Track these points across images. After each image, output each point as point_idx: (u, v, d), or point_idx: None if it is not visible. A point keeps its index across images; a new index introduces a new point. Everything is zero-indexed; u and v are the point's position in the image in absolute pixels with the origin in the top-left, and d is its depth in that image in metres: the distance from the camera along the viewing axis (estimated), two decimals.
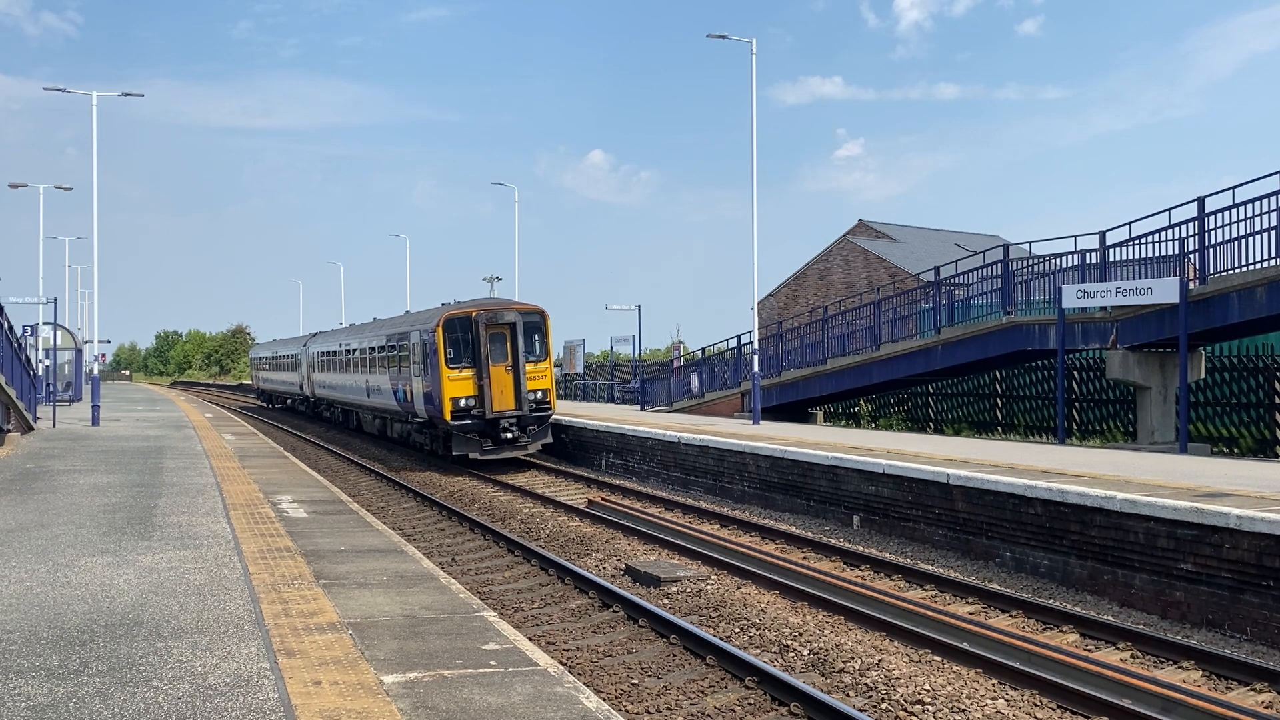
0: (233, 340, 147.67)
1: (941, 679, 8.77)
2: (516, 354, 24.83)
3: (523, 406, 24.77)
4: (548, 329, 26.05)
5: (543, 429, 25.58)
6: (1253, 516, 10.12)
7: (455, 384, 24.52)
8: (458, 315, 24.98)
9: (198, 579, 9.72)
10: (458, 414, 24.50)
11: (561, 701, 6.37)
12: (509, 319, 24.91)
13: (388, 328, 30.83)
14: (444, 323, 24.76)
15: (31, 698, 6.34)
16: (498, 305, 25.78)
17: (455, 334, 24.68)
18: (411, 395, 26.98)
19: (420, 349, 25.94)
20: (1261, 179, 18.12)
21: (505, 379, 24.79)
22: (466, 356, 24.63)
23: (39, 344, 40.06)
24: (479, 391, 24.55)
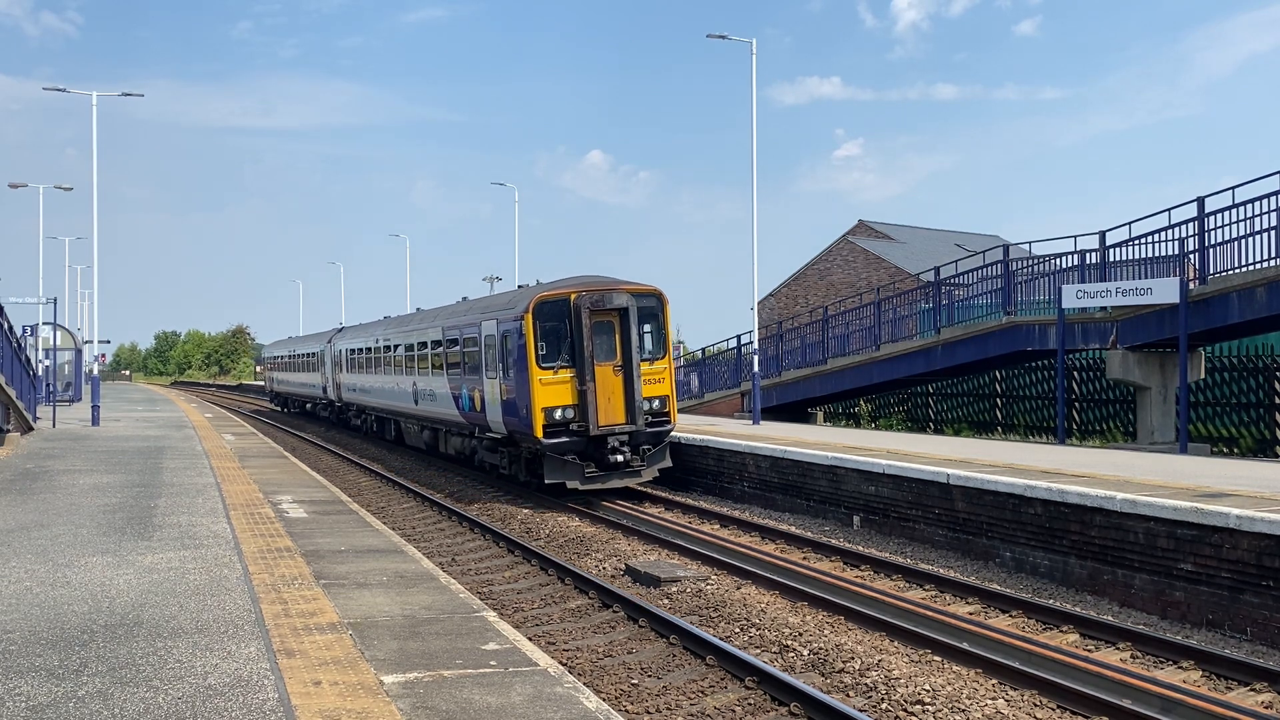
0: (233, 340, 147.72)
1: (941, 679, 8.77)
2: (628, 349, 18.95)
3: (636, 419, 18.84)
4: (666, 317, 19.99)
5: (660, 449, 19.55)
6: (1252, 517, 10.12)
7: (549, 389, 18.60)
8: (552, 298, 18.99)
9: (198, 579, 9.72)
10: (552, 429, 18.60)
11: (561, 701, 6.37)
12: (619, 303, 18.87)
13: (445, 318, 24.91)
14: (535, 308, 18.78)
15: (31, 698, 6.34)
16: (603, 285, 19.25)
17: (548, 323, 18.91)
18: (481, 403, 21.30)
19: (497, 343, 20.15)
20: (1261, 179, 18.15)
21: (614, 383, 18.99)
22: (563, 353, 18.79)
23: (39, 344, 40.06)
24: (580, 399, 18.65)
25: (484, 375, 20.94)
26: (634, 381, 18.82)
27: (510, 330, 19.45)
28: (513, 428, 19.66)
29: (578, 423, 18.66)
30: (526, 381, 18.72)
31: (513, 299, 20.53)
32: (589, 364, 18.55)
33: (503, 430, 20.30)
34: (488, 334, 20.81)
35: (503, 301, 21.29)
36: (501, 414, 20.04)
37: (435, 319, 25.84)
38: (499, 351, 19.98)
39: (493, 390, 20.49)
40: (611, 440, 18.75)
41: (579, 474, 18.71)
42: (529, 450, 19.67)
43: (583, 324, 18.60)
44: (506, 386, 19.65)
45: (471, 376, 21.81)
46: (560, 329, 18.90)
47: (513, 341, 19.24)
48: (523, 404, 18.88)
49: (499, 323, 20.18)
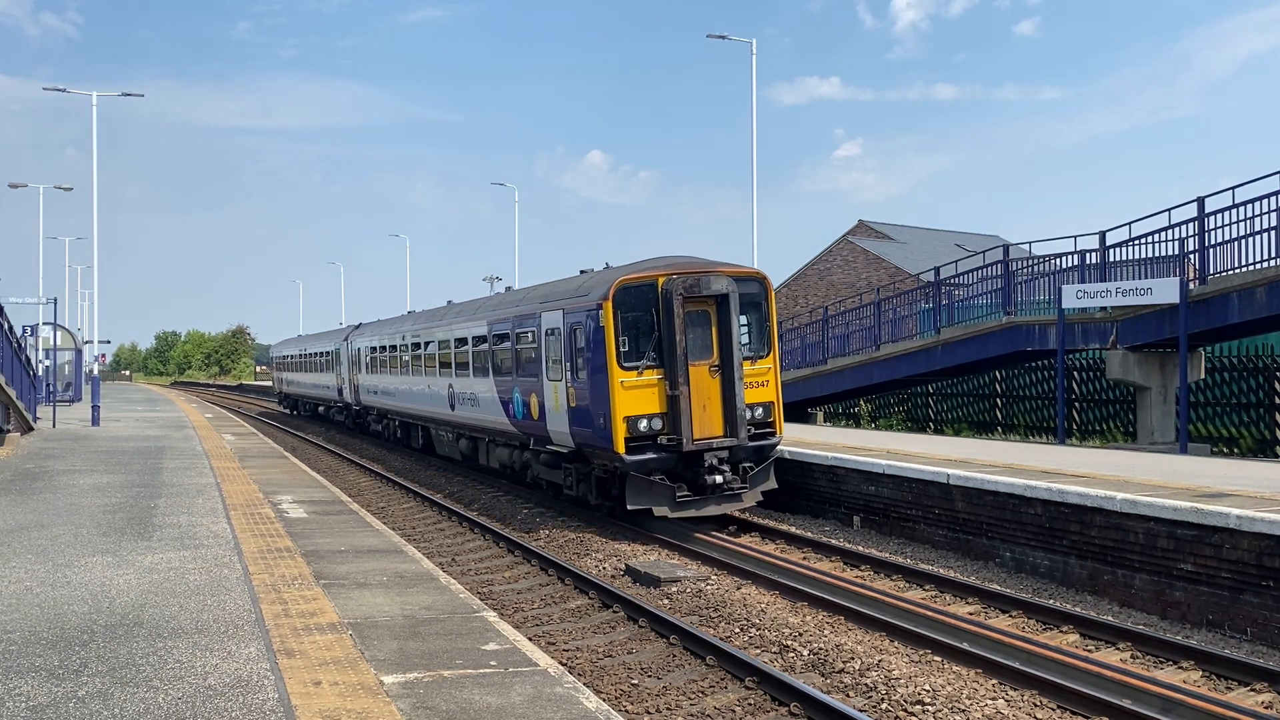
0: (233, 340, 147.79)
1: (941, 679, 8.77)
2: (728, 346, 15.59)
3: (738, 431, 15.53)
4: (770, 305, 16.74)
5: (764, 468, 16.20)
6: (1252, 517, 10.12)
7: (632, 394, 15.38)
8: (636, 283, 15.66)
9: (198, 579, 9.72)
10: (636, 443, 15.39)
11: (561, 702, 6.37)
12: (718, 288, 15.61)
13: (491, 310, 21.44)
14: (617, 295, 15.47)
15: (31, 698, 6.34)
16: (697, 266, 15.97)
17: (632, 313, 15.60)
18: (540, 409, 17.89)
19: (562, 339, 16.90)
20: (1261, 179, 18.15)
21: (710, 387, 15.70)
22: (648, 351, 15.50)
23: (39, 344, 40.08)
24: (670, 407, 15.43)
25: (544, 377, 17.58)
26: (735, 385, 15.53)
27: (582, 322, 16.15)
28: (583, 440, 16.33)
29: (667, 435, 15.45)
30: (605, 385, 15.42)
31: (583, 285, 17.04)
32: (682, 363, 15.27)
33: (569, 443, 16.90)
34: (549, 327, 17.41)
35: (570, 288, 17.52)
36: (568, 424, 16.68)
37: (478, 311, 22.37)
38: (565, 348, 16.71)
39: (555, 395, 17.13)
40: (708, 457, 15.44)
41: (668, 498, 15.37)
42: (603, 468, 16.34)
43: (674, 314, 15.26)
44: (576, 390, 16.40)
45: (527, 378, 18.56)
46: (645, 320, 15.60)
47: (586, 336, 15.97)
48: (599, 412, 15.62)
49: (566, 314, 16.75)
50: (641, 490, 15.44)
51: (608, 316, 15.43)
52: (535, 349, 18.14)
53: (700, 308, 15.71)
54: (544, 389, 17.62)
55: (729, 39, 29.36)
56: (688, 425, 15.31)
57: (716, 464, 15.48)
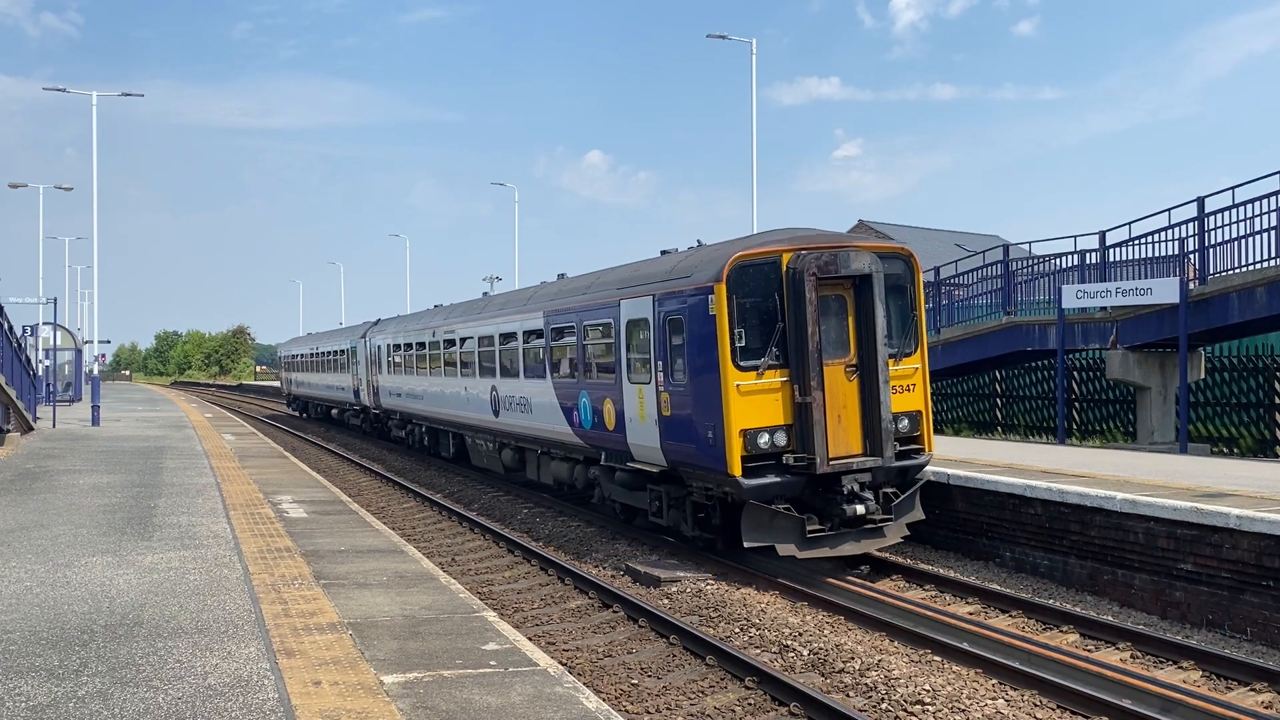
0: (233, 340, 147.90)
1: (941, 679, 8.77)
2: (870, 340, 12.66)
3: (882, 449, 12.52)
4: (917, 290, 13.56)
5: (911, 495, 13.12)
6: (1252, 517, 10.12)
7: (750, 401, 12.34)
8: (755, 259, 12.61)
9: (198, 579, 9.72)
10: (755, 462, 12.34)
11: (561, 701, 6.37)
12: (859, 267, 12.53)
13: (548, 300, 18.14)
14: (733, 275, 12.43)
15: (31, 698, 6.34)
16: (829, 240, 13.02)
17: (749, 298, 12.57)
18: (616, 418, 14.94)
19: (652, 332, 13.82)
20: (1261, 179, 18.16)
21: (847, 392, 12.69)
22: (771, 346, 12.41)
23: (39, 344, 40.11)
24: (799, 417, 12.40)
25: (622, 379, 14.62)
26: (879, 389, 12.52)
27: (681, 311, 13.11)
28: (680, 458, 13.33)
29: (795, 453, 12.36)
30: (715, 389, 12.38)
31: (681, 264, 13.82)
32: (815, 362, 12.23)
33: (658, 460, 13.86)
34: (632, 318, 14.38)
35: (660, 269, 14.39)
36: (659, 436, 13.64)
37: (530, 302, 19.15)
38: (655, 344, 13.66)
39: (640, 402, 14.12)
40: (847, 482, 12.41)
41: (795, 534, 12.31)
42: (705, 492, 13.31)
43: (805, 299, 12.23)
44: (671, 396, 13.33)
45: (598, 381, 15.59)
46: (766, 308, 12.55)
47: (687, 328, 12.96)
48: (705, 423, 12.57)
49: (657, 301, 13.69)
50: (761, 523, 12.30)
51: (720, 303, 12.35)
52: (611, 345, 15.16)
53: (833, 292, 12.69)
54: (623, 394, 14.63)
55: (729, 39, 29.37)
56: (822, 441, 12.18)
57: (857, 490, 12.43)
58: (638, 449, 14.39)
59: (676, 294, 13.32)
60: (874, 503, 12.54)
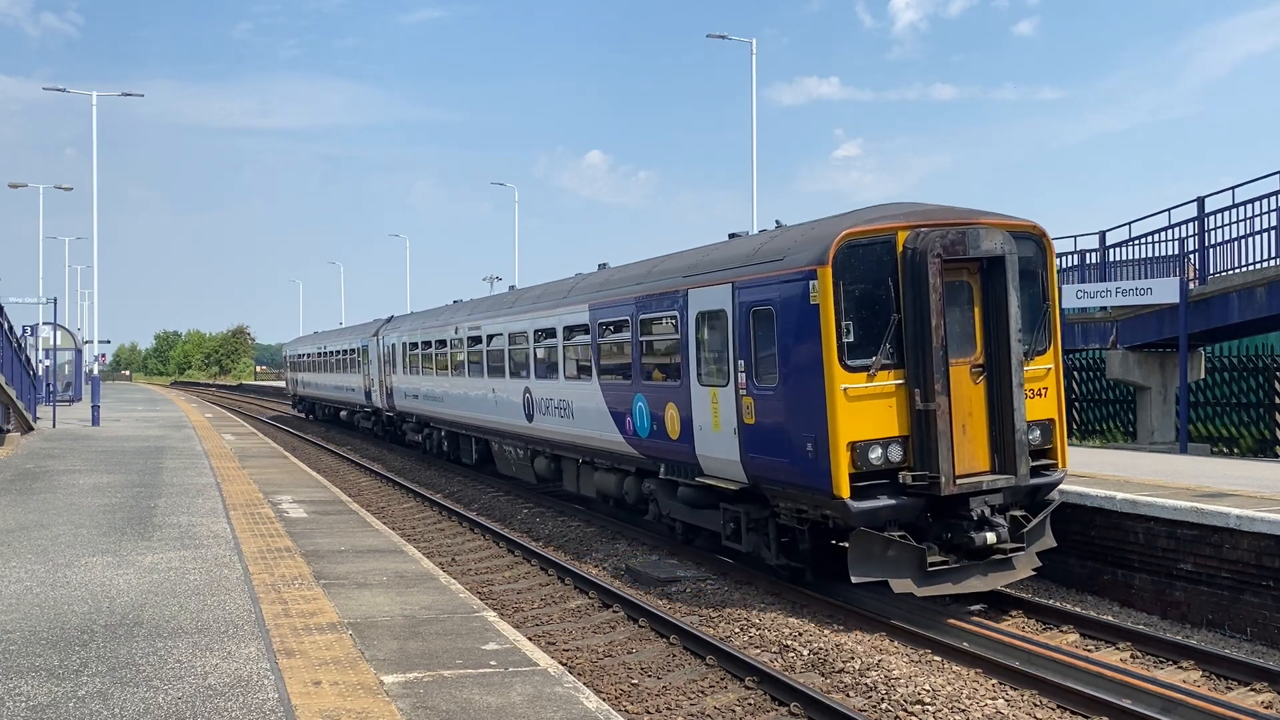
0: (233, 340, 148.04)
1: (941, 679, 8.77)
2: (1002, 335, 10.86)
3: (1015, 465, 10.70)
4: (1051, 277, 11.75)
5: (1042, 520, 11.27)
6: (1253, 517, 10.12)
7: (860, 407, 10.50)
8: (867, 237, 10.71)
9: (198, 579, 9.73)
10: (865, 480, 10.49)
11: (561, 701, 6.37)
12: (990, 247, 10.74)
13: (594, 290, 16.19)
14: (841, 256, 10.55)
15: (31, 698, 6.34)
16: (952, 216, 11.12)
17: (859, 285, 10.69)
18: (684, 426, 13.02)
19: (734, 324, 11.89)
20: (1261, 179, 18.20)
21: (972, 397, 10.89)
22: (885, 342, 10.54)
23: (39, 344, 40.13)
24: (920, 428, 10.55)
25: (690, 380, 12.77)
26: (1012, 394, 10.71)
27: (772, 300, 11.20)
28: (767, 474, 11.43)
29: (914, 470, 10.50)
30: (817, 393, 10.49)
31: (768, 246, 11.86)
32: (939, 362, 10.39)
33: (737, 476, 11.94)
34: (703, 310, 12.55)
35: (740, 252, 12.42)
36: (739, 448, 11.75)
37: (572, 294, 17.15)
38: (735, 339, 11.79)
39: (712, 406, 12.29)
40: (976, 505, 10.60)
41: (913, 566, 10.45)
42: (799, 515, 11.30)
43: (928, 286, 10.39)
44: (756, 401, 11.45)
45: (658, 382, 13.76)
46: (878, 296, 10.67)
47: (782, 320, 11.02)
48: (803, 433, 10.69)
49: (738, 289, 11.81)
50: (872, 554, 10.42)
51: (824, 290, 10.40)
52: (675, 342, 13.27)
53: (955, 277, 10.85)
54: (691, 398, 12.76)
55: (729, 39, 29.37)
56: (947, 456, 10.33)
57: (987, 515, 10.60)
58: (709, 462, 12.52)
59: (764, 280, 11.38)
60: (1005, 529, 10.72)
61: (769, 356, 11.31)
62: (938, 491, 10.35)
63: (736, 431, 11.82)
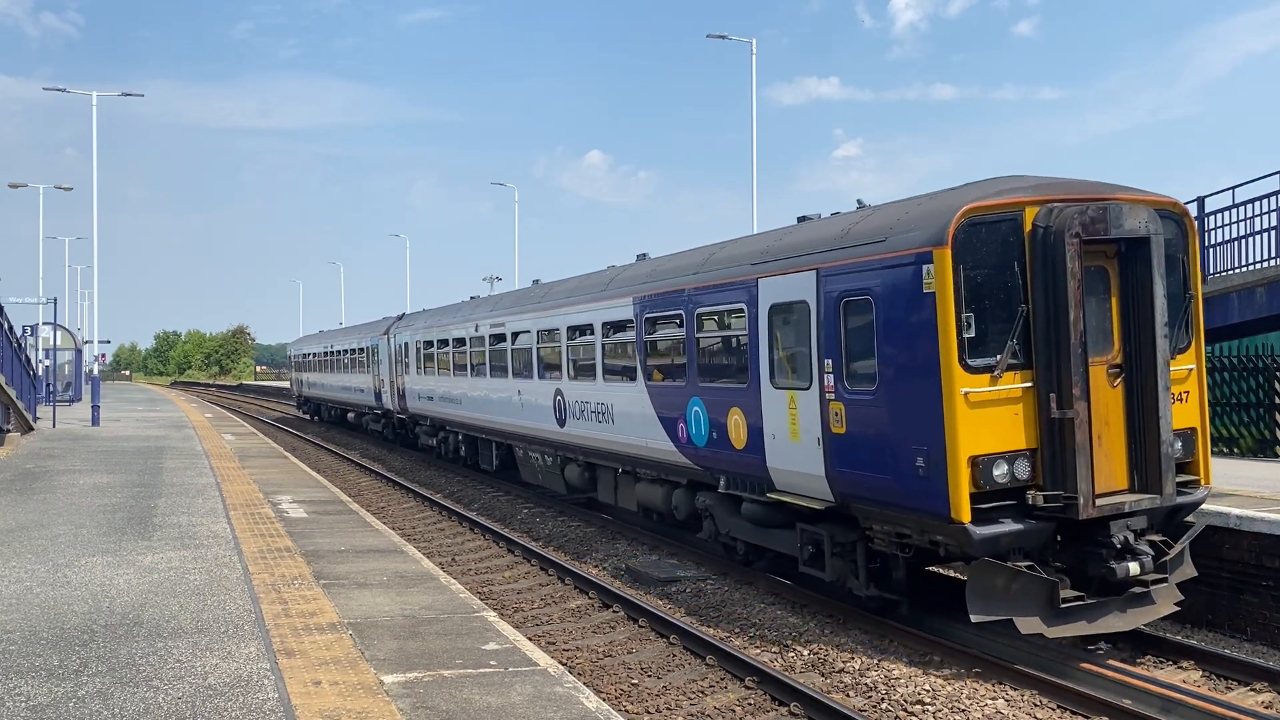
0: (233, 340, 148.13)
1: (941, 679, 8.77)
2: (1144, 329, 9.44)
3: (1161, 483, 9.25)
4: (1193, 262, 10.09)
5: (1182, 548, 9.63)
6: (1253, 516, 10.12)
7: (983, 415, 9.04)
8: (990, 214, 9.21)
9: (198, 579, 9.73)
10: (988, 502, 9.00)
11: (561, 701, 6.37)
12: (1133, 226, 9.29)
13: (640, 282, 14.61)
14: (960, 233, 9.05)
15: (31, 698, 6.34)
16: (1089, 191, 9.64)
17: (980, 270, 9.20)
18: (752, 434, 11.55)
19: (818, 318, 10.38)
20: (1261, 179, 18.17)
21: (1110, 402, 9.47)
22: (1011, 338, 9.06)
23: (39, 344, 40.14)
24: (1052, 439, 9.11)
25: (761, 382, 11.31)
26: (1157, 399, 9.26)
27: (871, 289, 9.67)
28: (861, 492, 9.89)
29: (1044, 489, 9.03)
30: (932, 397, 9.01)
31: (863, 226, 10.27)
32: (1078, 361, 8.95)
33: (821, 493, 10.40)
34: (778, 302, 11.05)
35: (827, 234, 10.77)
36: (824, 461, 10.21)
37: (611, 287, 15.61)
38: (821, 335, 10.23)
39: (788, 412, 10.81)
40: (1116, 530, 9.14)
41: (1042, 601, 8.95)
42: (900, 540, 9.77)
43: (1065, 272, 8.92)
44: (848, 406, 9.91)
45: (719, 384, 12.37)
46: (1003, 284, 9.16)
47: (885, 312, 9.51)
48: (912, 444, 9.19)
49: (824, 277, 10.24)
50: (995, 587, 8.93)
51: (942, 276, 8.92)
52: (741, 338, 11.80)
53: (1091, 262, 9.31)
54: (762, 402, 11.27)
55: (729, 39, 29.37)
56: (1085, 473, 8.85)
57: (1130, 542, 9.13)
58: (783, 476, 11.01)
59: (861, 266, 9.82)
60: (1149, 558, 9.17)
61: (866, 355, 9.76)
62: (1075, 514, 8.83)
63: (821, 442, 10.27)
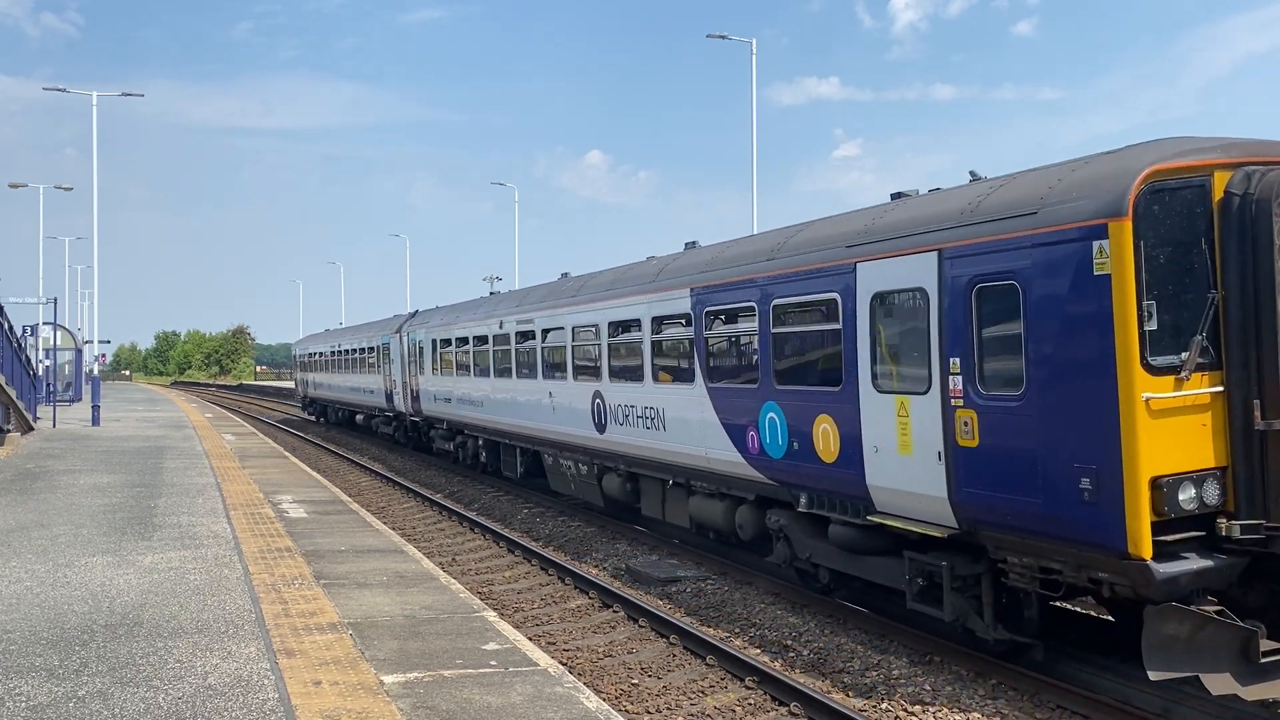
0: (233, 340, 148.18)
1: (941, 678, 8.77)
2: None
3: None
4: None
5: None
6: None
7: (1166, 426, 7.32)
8: (1177, 177, 7.53)
9: (198, 579, 9.73)
10: (1171, 531, 7.32)
11: (561, 701, 6.37)
12: None
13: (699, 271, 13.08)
14: (1141, 201, 7.37)
15: (31, 698, 6.34)
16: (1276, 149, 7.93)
17: (1160, 247, 7.47)
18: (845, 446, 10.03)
19: (937, 307, 8.78)
20: None
21: None
22: (1200, 331, 7.39)
23: (39, 344, 40.15)
24: (1239, 455, 7.47)
25: (860, 384, 9.68)
26: None
27: (1019, 271, 8.05)
28: (995, 518, 8.33)
29: (1239, 516, 7.53)
30: (1105, 404, 7.48)
31: (1000, 196, 8.63)
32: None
33: (941, 517, 8.81)
34: (885, 289, 9.46)
35: (953, 205, 9.09)
36: (949, 479, 8.63)
37: (661, 277, 14.07)
38: (946, 328, 8.66)
39: (897, 420, 9.21)
40: None
41: (1235, 654, 7.41)
42: (1042, 575, 8.21)
43: (1274, 248, 7.47)
44: (982, 414, 8.35)
45: (805, 388, 10.73)
46: (1187, 265, 7.67)
47: (1037, 299, 7.95)
48: (1073, 461, 7.68)
49: (949, 258, 8.66)
50: (1178, 637, 7.41)
51: (1120, 253, 7.38)
52: (834, 333, 10.12)
53: None
54: (861, 408, 9.67)
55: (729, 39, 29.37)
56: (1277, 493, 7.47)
57: None
58: (888, 495, 9.41)
59: (1003, 244, 8.18)
60: None
61: (1008, 352, 8.18)
62: (1276, 548, 7.34)
63: (943, 456, 8.66)
